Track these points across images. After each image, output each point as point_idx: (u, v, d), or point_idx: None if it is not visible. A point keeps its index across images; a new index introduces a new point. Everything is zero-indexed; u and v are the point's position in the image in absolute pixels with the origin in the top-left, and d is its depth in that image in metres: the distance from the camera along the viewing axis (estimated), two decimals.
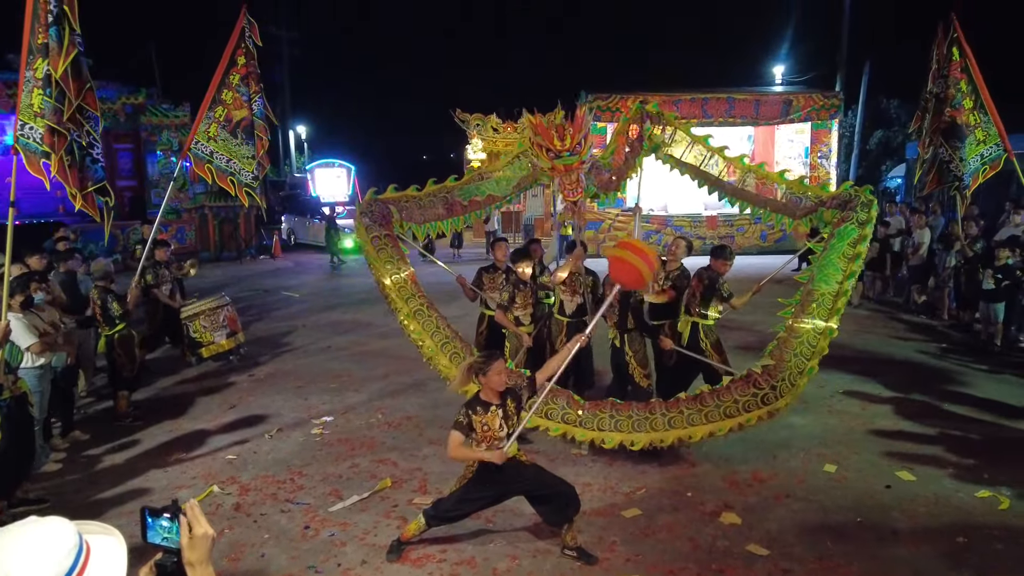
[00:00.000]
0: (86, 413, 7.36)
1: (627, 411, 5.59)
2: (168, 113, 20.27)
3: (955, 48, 9.39)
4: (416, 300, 5.88)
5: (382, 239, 5.86)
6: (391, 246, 5.85)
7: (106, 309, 6.94)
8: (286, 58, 38.33)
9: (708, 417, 5.42)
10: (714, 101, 19.63)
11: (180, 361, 9.02)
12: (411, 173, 44.30)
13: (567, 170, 5.51)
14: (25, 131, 6.04)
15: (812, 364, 5.29)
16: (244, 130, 8.33)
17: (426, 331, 5.80)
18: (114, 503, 5.30)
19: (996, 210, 13.22)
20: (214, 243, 20.96)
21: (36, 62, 5.98)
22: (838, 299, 5.36)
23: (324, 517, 5.02)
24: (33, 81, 6.02)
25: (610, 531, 4.76)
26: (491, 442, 4.24)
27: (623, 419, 5.54)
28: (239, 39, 8.30)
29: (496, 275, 7.14)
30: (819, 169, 20.23)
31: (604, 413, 5.58)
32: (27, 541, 1.53)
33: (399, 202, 6.05)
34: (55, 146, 6.07)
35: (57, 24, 5.92)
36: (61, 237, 9.88)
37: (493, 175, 6.25)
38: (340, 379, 8.40)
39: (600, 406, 5.65)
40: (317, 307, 13.23)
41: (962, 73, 9.33)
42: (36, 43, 5.97)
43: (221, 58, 8.27)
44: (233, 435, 6.67)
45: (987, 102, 9.01)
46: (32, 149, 6.07)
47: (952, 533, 4.67)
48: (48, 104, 6.00)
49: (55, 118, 6.02)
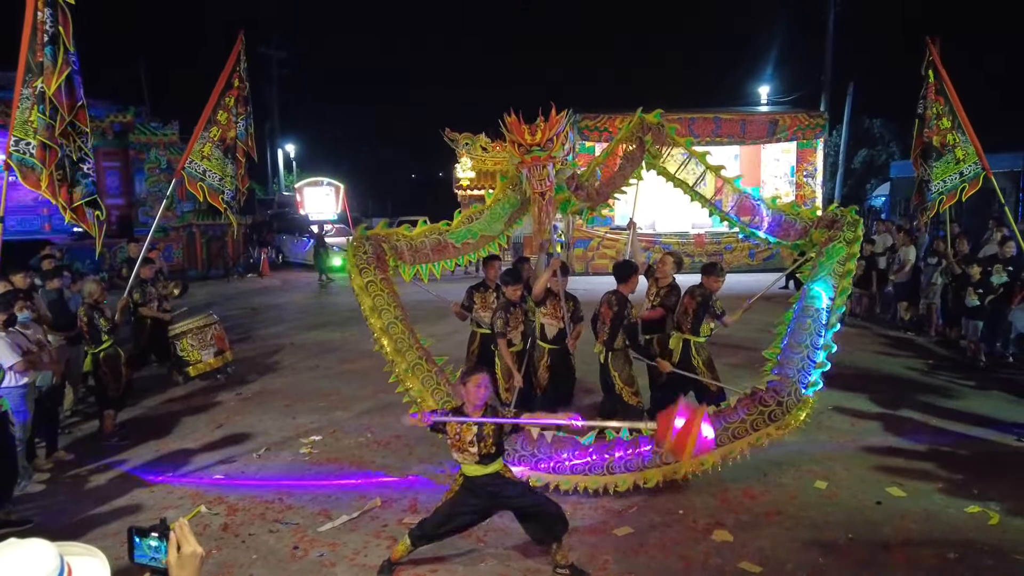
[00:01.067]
0: (71, 432, 7.26)
1: (636, 447, 5.49)
2: (157, 131, 20.25)
3: (931, 71, 9.61)
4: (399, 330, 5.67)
5: (377, 284, 5.63)
6: (387, 292, 5.64)
7: (93, 325, 6.89)
8: (275, 77, 38.51)
9: (718, 442, 5.40)
10: (701, 120, 19.83)
11: (167, 380, 8.95)
12: (400, 192, 44.37)
13: (535, 161, 5.71)
14: (20, 146, 6.24)
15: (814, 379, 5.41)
16: (229, 149, 8.55)
17: (399, 353, 5.59)
18: (99, 523, 5.22)
19: (980, 228, 13.40)
20: (201, 261, 20.87)
21: (36, 80, 6.17)
22: (831, 315, 5.43)
23: (313, 537, 4.96)
24: (32, 98, 6.22)
25: (602, 549, 4.73)
26: (461, 447, 4.23)
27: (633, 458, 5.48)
28: (236, 62, 8.47)
29: (487, 294, 7.12)
30: (805, 188, 20.45)
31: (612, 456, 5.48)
32: (6, 564, 1.50)
33: (390, 239, 5.92)
34: (46, 161, 6.26)
35: (52, 43, 6.15)
36: (47, 255, 9.80)
37: (483, 215, 6.16)
38: (328, 398, 8.34)
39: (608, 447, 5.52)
40: (305, 325, 13.16)
41: (938, 95, 9.54)
42: (34, 61, 6.15)
43: (217, 79, 8.45)
44: (220, 454, 6.60)
45: (964, 122, 9.19)
46: (28, 164, 6.28)
47: (943, 549, 4.67)
48: (41, 120, 6.19)
49: (47, 133, 6.18)
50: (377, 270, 5.68)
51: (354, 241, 5.81)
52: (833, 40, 23.20)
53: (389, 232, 5.99)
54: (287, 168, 41.35)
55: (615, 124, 20.66)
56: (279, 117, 39.41)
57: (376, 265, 5.69)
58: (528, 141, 5.75)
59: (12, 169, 6.28)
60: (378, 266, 5.70)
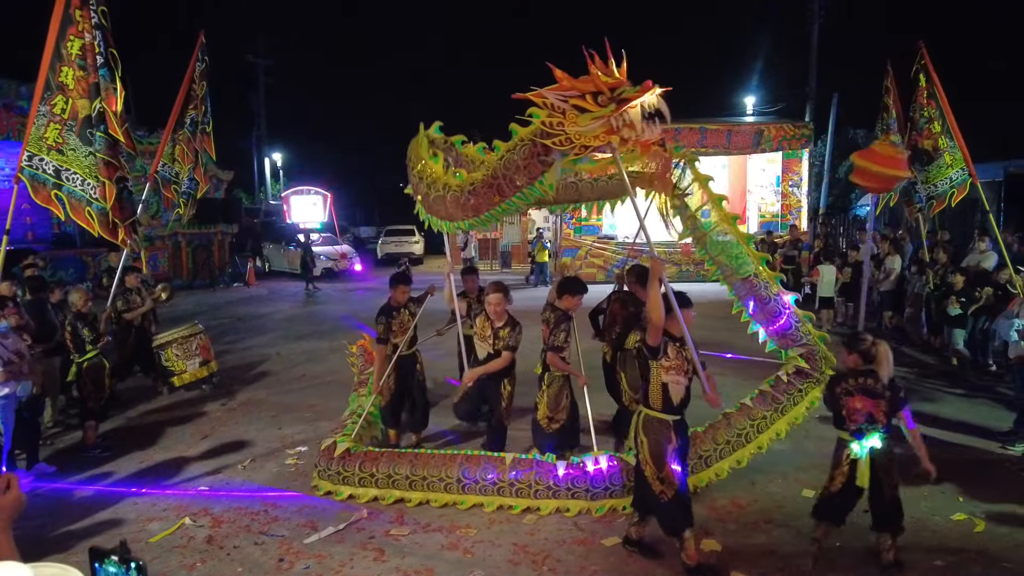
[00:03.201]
0: (53, 444, 7.16)
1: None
2: (143, 140, 20.08)
3: (921, 75, 9.68)
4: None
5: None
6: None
7: (77, 335, 6.81)
8: (262, 85, 38.34)
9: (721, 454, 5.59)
10: (687, 131, 19.96)
11: (152, 390, 8.86)
12: (387, 201, 44.16)
13: (629, 102, 4.07)
14: (34, 162, 6.43)
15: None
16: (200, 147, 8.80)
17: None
18: (81, 537, 5.13)
19: (964, 238, 13.53)
20: (187, 270, 20.73)
21: (54, 98, 6.36)
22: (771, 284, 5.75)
23: (299, 549, 4.90)
24: (48, 115, 6.36)
25: (590, 559, 4.71)
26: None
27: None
28: (198, 62, 8.57)
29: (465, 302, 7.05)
30: (791, 197, 20.62)
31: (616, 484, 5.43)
32: None
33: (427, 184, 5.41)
34: (111, 176, 6.50)
35: (106, 66, 6.50)
36: (30, 264, 9.70)
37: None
38: (315, 408, 8.28)
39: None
40: (292, 335, 13.08)
41: (929, 99, 9.61)
42: (55, 80, 6.40)
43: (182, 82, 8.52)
44: (205, 465, 6.53)
45: (953, 127, 9.27)
46: (41, 180, 6.39)
47: (930, 556, 4.69)
48: (102, 139, 6.42)
49: (109, 152, 6.47)
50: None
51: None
52: (817, 51, 23.44)
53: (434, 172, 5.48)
54: (274, 176, 41.16)
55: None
56: (266, 125, 39.26)
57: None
58: (613, 81, 4.15)
59: (23, 183, 6.37)
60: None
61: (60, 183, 6.38)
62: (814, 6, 23.30)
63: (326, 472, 5.75)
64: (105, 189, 6.42)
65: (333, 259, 23.36)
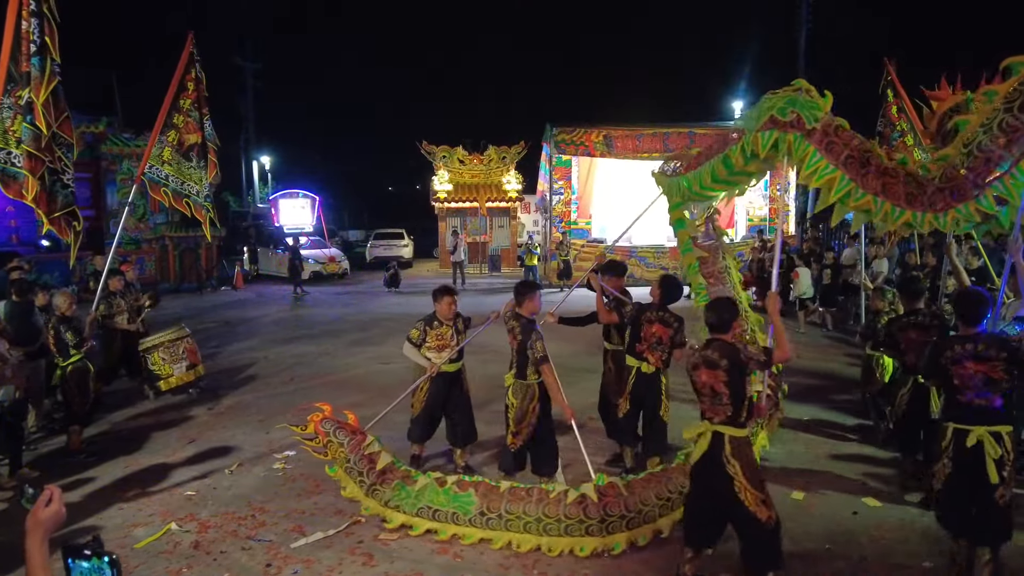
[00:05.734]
0: (36, 449, 7.08)
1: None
2: (129, 143, 19.98)
3: (889, 91, 9.83)
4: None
5: None
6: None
7: (60, 339, 6.74)
8: (250, 88, 38.25)
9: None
10: (675, 135, 20.06)
11: (138, 394, 8.77)
12: (376, 204, 44.10)
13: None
14: (2, 156, 6.28)
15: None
16: (198, 154, 8.63)
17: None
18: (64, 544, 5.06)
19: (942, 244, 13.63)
20: (175, 274, 20.57)
21: (18, 90, 6.25)
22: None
23: (287, 554, 4.86)
24: (15, 108, 6.27)
25: (581, 563, 4.69)
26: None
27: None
28: (188, 65, 8.49)
29: (442, 329, 6.75)
30: (778, 201, 20.75)
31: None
32: None
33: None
34: (34, 170, 6.32)
35: (40, 54, 6.28)
36: (15, 267, 9.60)
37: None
38: (303, 412, 8.21)
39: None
40: (279, 339, 13.01)
41: (899, 113, 9.75)
42: (18, 71, 6.25)
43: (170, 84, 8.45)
44: (192, 470, 6.47)
45: (924, 140, 9.38)
46: (10, 173, 6.29)
47: (918, 558, 4.70)
48: (28, 130, 6.27)
49: (34, 144, 6.30)
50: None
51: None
52: (805, 56, 23.64)
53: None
54: (262, 180, 41.00)
55: (591, 138, 20.87)
56: (254, 128, 39.13)
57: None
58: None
59: None
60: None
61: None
62: (802, 13, 23.51)
63: (373, 488, 5.23)
64: (29, 182, 6.26)
65: (321, 262, 23.30)
